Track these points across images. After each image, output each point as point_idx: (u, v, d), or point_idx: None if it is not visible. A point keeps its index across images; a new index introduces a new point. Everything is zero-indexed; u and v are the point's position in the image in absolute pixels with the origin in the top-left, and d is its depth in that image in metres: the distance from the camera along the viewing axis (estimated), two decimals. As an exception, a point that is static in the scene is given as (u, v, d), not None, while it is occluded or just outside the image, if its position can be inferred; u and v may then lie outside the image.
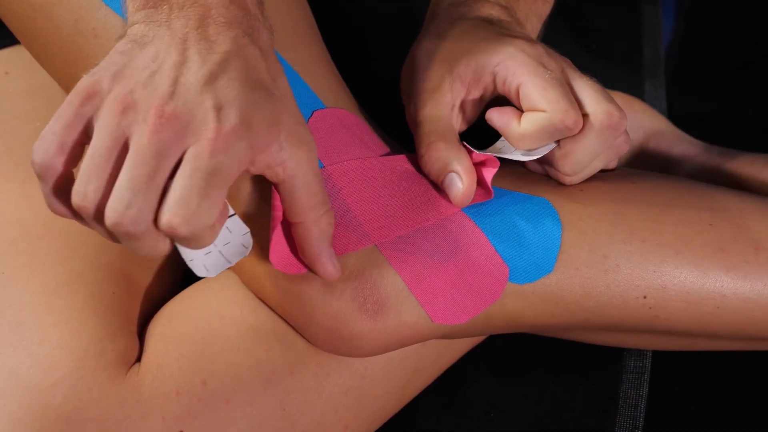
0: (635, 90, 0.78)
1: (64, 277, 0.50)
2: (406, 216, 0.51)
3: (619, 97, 0.71)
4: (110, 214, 0.39)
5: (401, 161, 0.53)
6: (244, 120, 0.40)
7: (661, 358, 0.62)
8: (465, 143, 0.52)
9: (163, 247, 0.41)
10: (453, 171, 0.51)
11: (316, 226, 0.46)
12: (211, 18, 0.42)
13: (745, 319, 0.52)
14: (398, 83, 0.57)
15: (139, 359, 0.50)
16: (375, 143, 0.54)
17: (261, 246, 0.49)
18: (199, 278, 0.55)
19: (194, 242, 0.41)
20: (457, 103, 0.53)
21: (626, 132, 0.52)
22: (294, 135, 0.43)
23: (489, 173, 0.51)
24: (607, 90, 0.52)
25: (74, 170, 0.42)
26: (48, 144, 0.41)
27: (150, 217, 0.39)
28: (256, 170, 0.43)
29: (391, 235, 0.50)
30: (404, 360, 0.54)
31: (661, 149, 0.70)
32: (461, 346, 0.59)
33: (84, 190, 0.40)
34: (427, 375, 0.57)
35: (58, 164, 0.41)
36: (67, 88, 0.52)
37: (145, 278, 0.56)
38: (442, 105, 0.52)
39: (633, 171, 0.56)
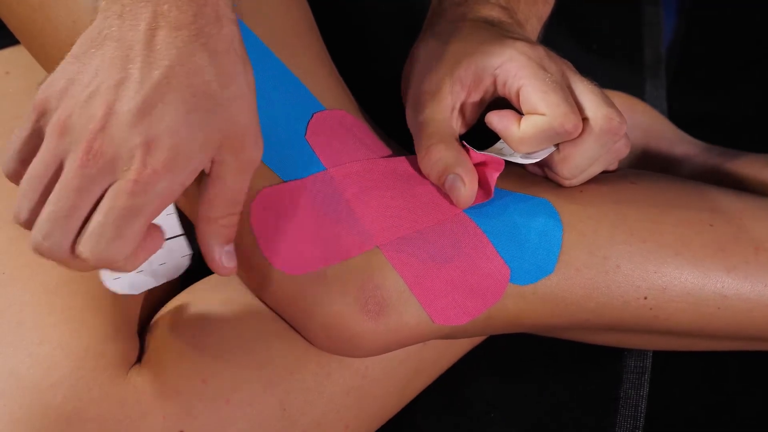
0: (636, 90, 0.78)
1: (64, 277, 0.50)
2: (407, 217, 0.51)
3: (620, 97, 0.71)
4: (32, 240, 0.42)
5: (402, 162, 0.53)
6: (171, 156, 0.41)
7: (662, 358, 0.62)
8: (464, 143, 0.52)
9: (87, 267, 0.42)
10: (454, 173, 0.51)
11: (215, 224, 0.45)
12: (162, 15, 0.42)
13: (745, 320, 0.52)
14: (398, 83, 0.57)
15: (139, 359, 0.50)
16: (375, 144, 0.54)
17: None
18: (199, 278, 0.55)
19: (111, 270, 0.43)
20: (457, 106, 0.53)
21: (626, 136, 0.52)
22: (232, 142, 0.43)
23: (493, 175, 0.51)
24: (607, 91, 0.52)
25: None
26: (10, 158, 0.43)
27: (67, 247, 0.41)
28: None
29: (393, 236, 0.50)
30: (405, 360, 0.54)
31: (662, 149, 0.70)
32: (461, 347, 0.59)
33: (18, 209, 0.42)
34: (427, 375, 0.57)
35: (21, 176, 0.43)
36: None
37: (145, 278, 0.56)
38: (443, 107, 0.52)
39: (633, 171, 0.56)
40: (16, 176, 0.43)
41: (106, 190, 0.41)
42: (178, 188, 0.42)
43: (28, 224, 0.42)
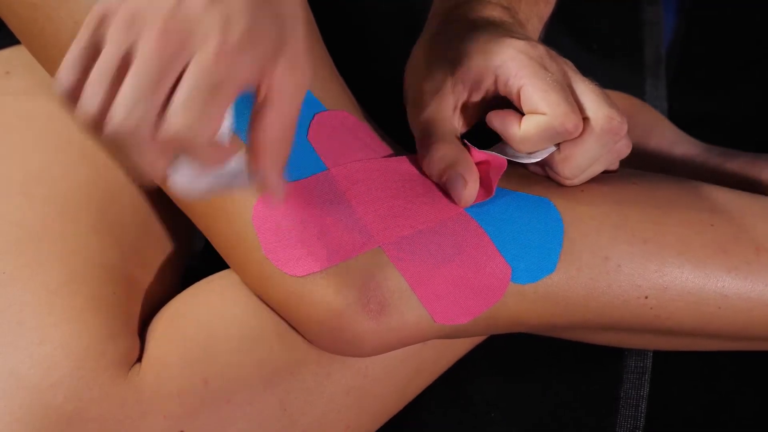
0: (636, 90, 0.78)
1: (65, 277, 0.50)
2: (409, 217, 0.51)
3: (620, 97, 0.71)
4: (113, 120, 0.39)
5: (403, 162, 0.53)
6: (248, 34, 0.40)
7: (662, 358, 0.62)
8: (466, 141, 0.52)
9: (162, 164, 0.40)
10: (456, 171, 0.51)
11: (271, 151, 0.44)
12: None
13: (746, 320, 0.52)
14: (398, 83, 0.57)
15: (140, 359, 0.50)
16: (377, 144, 0.54)
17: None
18: (200, 278, 0.55)
19: (193, 151, 0.40)
20: (459, 105, 0.53)
21: (627, 136, 0.52)
22: (293, 59, 0.42)
23: (495, 173, 0.51)
24: (608, 91, 0.52)
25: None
26: (68, 69, 0.41)
27: (151, 123, 0.39)
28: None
29: (394, 236, 0.50)
30: (405, 360, 0.54)
31: (662, 149, 0.70)
32: (462, 346, 0.59)
33: (90, 102, 0.40)
34: (428, 374, 0.57)
35: (80, 88, 0.41)
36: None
37: (146, 278, 0.56)
38: (444, 106, 0.52)
39: (635, 172, 0.56)
40: (75, 88, 0.41)
41: (183, 71, 0.39)
42: (256, 70, 0.41)
43: (100, 116, 0.40)
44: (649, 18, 0.82)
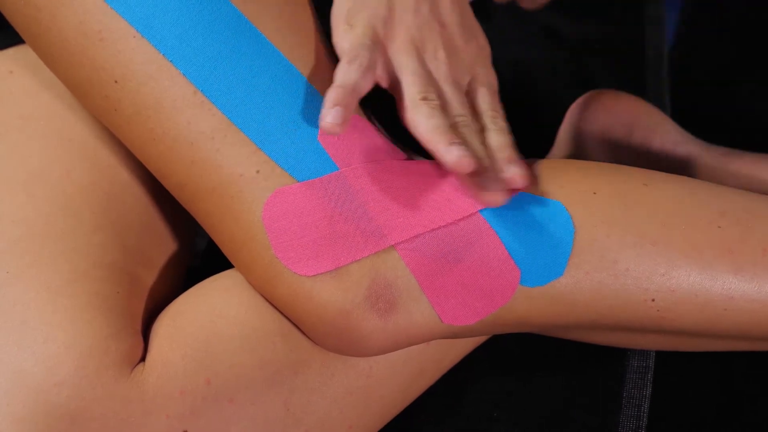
0: (638, 89, 0.78)
1: (68, 276, 0.50)
2: (421, 217, 0.51)
3: (623, 97, 0.71)
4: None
5: (414, 163, 0.53)
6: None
7: (665, 358, 0.62)
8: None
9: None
10: None
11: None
12: None
13: (752, 320, 0.52)
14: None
15: (143, 358, 0.50)
16: (387, 146, 0.54)
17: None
18: (203, 278, 0.55)
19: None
20: None
21: None
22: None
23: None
24: (611, 91, 0.52)
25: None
26: (354, 80, 0.51)
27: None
28: None
29: (406, 235, 0.50)
30: (409, 360, 0.55)
31: (666, 149, 0.70)
32: (465, 346, 0.59)
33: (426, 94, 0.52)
34: (431, 374, 0.57)
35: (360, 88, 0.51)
36: (72, 89, 0.52)
37: (149, 277, 0.56)
38: None
39: (644, 172, 0.55)
40: (356, 88, 0.50)
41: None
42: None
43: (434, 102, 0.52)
44: (651, 17, 0.82)
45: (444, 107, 0.53)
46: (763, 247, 0.52)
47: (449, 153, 0.49)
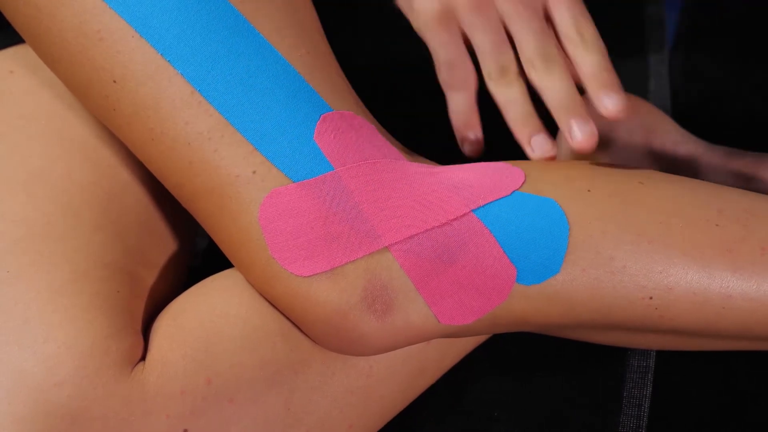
0: (639, 89, 0.78)
1: (69, 276, 0.50)
2: (415, 217, 0.51)
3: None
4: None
5: (410, 163, 0.53)
6: None
7: (665, 357, 0.62)
8: None
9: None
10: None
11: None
12: None
13: (750, 319, 0.52)
14: (402, 84, 0.57)
15: (143, 358, 0.50)
16: (383, 145, 0.54)
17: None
18: (204, 277, 0.55)
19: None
20: None
21: None
22: None
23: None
24: None
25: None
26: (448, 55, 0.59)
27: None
28: None
29: (401, 236, 0.50)
30: (409, 359, 0.55)
31: (666, 149, 0.70)
32: (465, 345, 0.59)
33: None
34: (431, 374, 0.57)
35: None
36: (72, 89, 0.52)
37: (149, 277, 0.56)
38: None
39: (642, 171, 0.55)
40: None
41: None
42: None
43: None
44: (652, 17, 0.82)
45: (521, 46, 0.55)
46: (762, 246, 0.52)
47: (531, 151, 0.55)
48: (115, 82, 0.50)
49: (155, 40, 0.49)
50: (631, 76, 0.79)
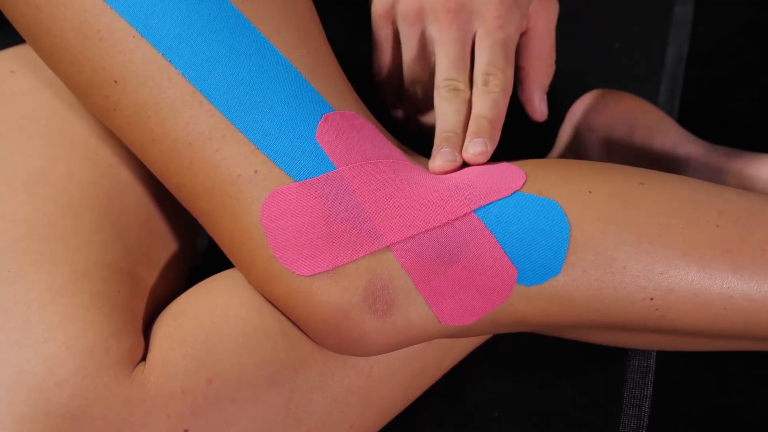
0: (650, 88, 0.77)
1: (69, 276, 0.50)
2: (416, 217, 0.51)
3: (624, 96, 0.71)
4: (444, 90, 0.56)
5: (411, 163, 0.53)
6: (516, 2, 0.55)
7: (666, 357, 0.62)
8: None
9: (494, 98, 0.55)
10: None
11: (537, 74, 0.58)
12: None
13: (751, 320, 0.52)
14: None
15: (144, 358, 0.50)
16: (384, 145, 0.54)
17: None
18: (204, 277, 0.55)
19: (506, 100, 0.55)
20: None
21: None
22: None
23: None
24: (612, 91, 0.53)
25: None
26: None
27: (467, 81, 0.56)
28: None
29: (402, 236, 0.50)
30: (409, 359, 0.55)
31: (667, 149, 0.70)
32: (466, 345, 0.59)
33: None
34: (431, 374, 0.57)
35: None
36: (73, 89, 0.52)
37: (150, 277, 0.56)
38: None
39: (642, 171, 0.55)
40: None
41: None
42: (521, 25, 0.57)
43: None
44: (678, 19, 0.82)
45: (436, 68, 0.56)
46: (762, 246, 0.52)
47: (432, 160, 0.54)
48: (115, 82, 0.50)
49: (156, 40, 0.49)
50: (645, 75, 0.78)
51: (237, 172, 0.49)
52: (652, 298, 0.51)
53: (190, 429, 0.49)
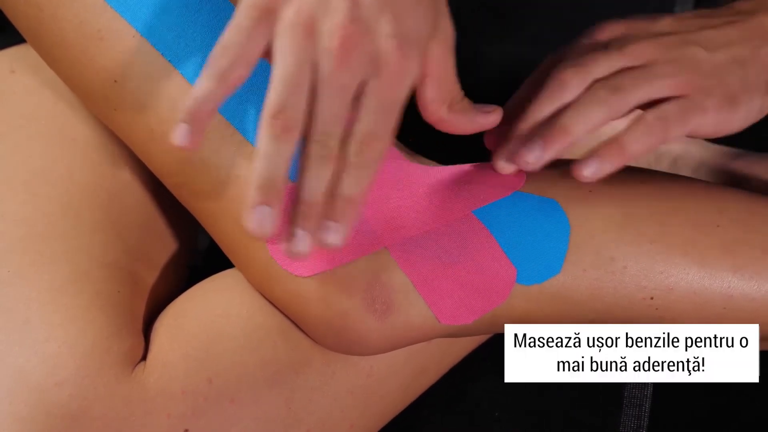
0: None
1: (70, 276, 0.51)
2: (416, 218, 0.51)
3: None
4: (313, 150, 0.42)
5: (410, 164, 0.53)
6: (418, 43, 0.43)
7: (666, 357, 0.62)
8: None
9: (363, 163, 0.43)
10: None
11: (451, 114, 0.47)
12: None
13: (751, 320, 0.52)
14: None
15: (144, 357, 0.50)
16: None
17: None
18: (204, 277, 0.55)
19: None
20: None
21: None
22: (445, 37, 0.45)
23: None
24: None
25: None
26: (232, 55, 0.41)
27: (337, 144, 0.42)
28: None
29: (400, 237, 0.50)
30: (409, 359, 0.55)
31: (667, 149, 0.70)
32: (466, 345, 0.59)
33: (283, 106, 0.41)
34: (432, 373, 0.57)
35: (239, 75, 0.42)
36: (73, 88, 0.53)
37: (150, 277, 0.56)
38: None
39: (642, 171, 0.55)
40: (231, 74, 0.42)
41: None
42: (417, 75, 0.44)
43: (294, 122, 0.41)
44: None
45: (308, 119, 0.42)
46: (762, 246, 0.52)
47: (245, 221, 0.42)
48: (115, 82, 0.50)
49: (156, 39, 0.49)
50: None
51: (237, 173, 0.50)
52: (652, 298, 0.51)
53: (191, 429, 0.49)
